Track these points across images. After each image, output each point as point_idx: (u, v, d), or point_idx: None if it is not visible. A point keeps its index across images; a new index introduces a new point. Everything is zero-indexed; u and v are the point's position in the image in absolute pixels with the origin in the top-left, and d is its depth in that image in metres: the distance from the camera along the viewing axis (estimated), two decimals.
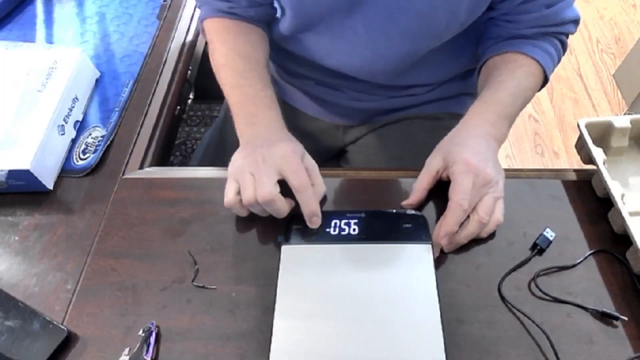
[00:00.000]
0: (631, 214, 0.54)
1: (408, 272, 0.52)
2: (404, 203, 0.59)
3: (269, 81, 0.66)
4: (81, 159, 0.66)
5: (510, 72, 0.64)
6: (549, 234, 0.56)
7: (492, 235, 0.57)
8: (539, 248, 0.55)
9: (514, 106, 0.62)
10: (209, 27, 0.71)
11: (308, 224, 0.55)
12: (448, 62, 0.75)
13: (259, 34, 0.71)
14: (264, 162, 0.55)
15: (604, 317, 0.50)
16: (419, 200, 0.58)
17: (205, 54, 0.96)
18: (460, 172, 0.54)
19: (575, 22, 0.67)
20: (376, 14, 0.63)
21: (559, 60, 0.69)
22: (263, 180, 0.54)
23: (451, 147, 0.58)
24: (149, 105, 0.73)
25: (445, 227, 0.53)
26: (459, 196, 0.53)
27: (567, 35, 0.69)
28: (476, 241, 0.56)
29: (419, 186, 0.58)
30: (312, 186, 0.56)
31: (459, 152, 0.56)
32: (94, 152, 0.67)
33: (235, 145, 0.61)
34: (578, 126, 0.61)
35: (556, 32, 0.67)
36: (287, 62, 0.81)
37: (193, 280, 0.54)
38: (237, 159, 0.58)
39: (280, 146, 0.56)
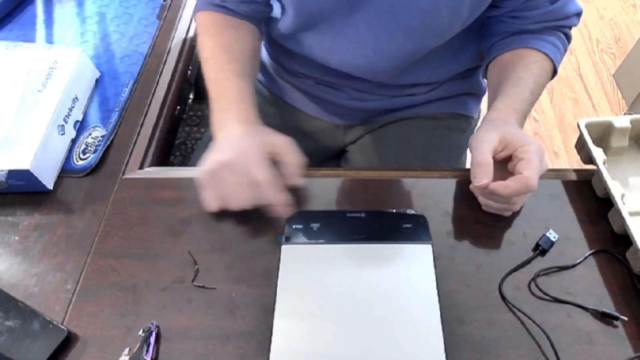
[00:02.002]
0: (631, 214, 0.54)
1: (408, 272, 0.52)
2: (478, 185, 0.53)
3: (247, 74, 0.66)
4: (81, 159, 0.66)
5: (526, 68, 0.65)
6: (552, 235, 0.56)
7: (492, 235, 0.57)
8: (541, 249, 0.55)
9: (532, 104, 0.63)
10: (199, 20, 0.71)
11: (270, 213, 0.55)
12: (449, 61, 0.75)
13: (248, 29, 0.71)
14: (233, 173, 0.55)
15: (604, 317, 0.51)
16: (492, 174, 0.53)
17: None
18: (534, 153, 0.53)
19: (578, 15, 0.68)
20: (379, 11, 0.63)
21: (565, 51, 0.70)
22: (237, 193, 0.55)
23: (507, 128, 0.56)
24: (149, 105, 0.73)
25: (508, 191, 0.52)
26: (532, 173, 0.52)
27: (570, 28, 0.70)
28: (476, 241, 0.57)
29: (486, 160, 0.53)
30: (284, 164, 0.57)
31: (524, 136, 0.55)
32: (94, 152, 0.67)
33: None
34: (578, 126, 0.61)
35: (560, 25, 0.68)
36: (287, 62, 0.81)
37: (193, 280, 0.54)
38: (206, 163, 0.57)
39: (243, 149, 0.56)
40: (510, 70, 0.65)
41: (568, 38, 0.70)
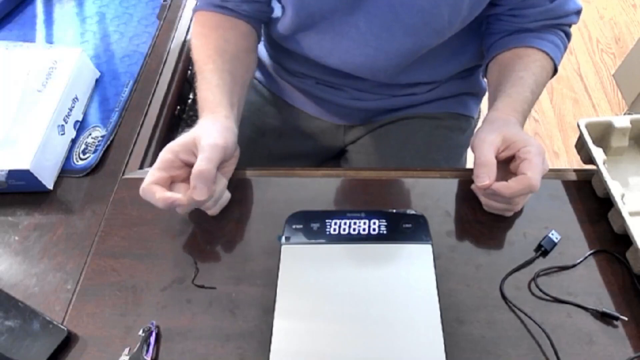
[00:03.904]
0: (631, 214, 0.54)
1: (408, 272, 0.52)
2: (481, 185, 0.53)
3: (226, 71, 0.64)
4: (81, 159, 0.66)
5: (526, 67, 0.65)
6: (554, 235, 0.56)
7: (492, 235, 0.57)
8: (543, 249, 0.55)
9: (532, 103, 0.64)
10: (197, 20, 0.70)
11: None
12: (449, 60, 0.75)
13: (240, 30, 0.69)
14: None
15: (604, 317, 0.50)
16: (495, 175, 0.53)
17: None
18: (536, 154, 0.53)
19: (578, 12, 0.68)
20: (379, 10, 0.63)
21: (565, 49, 0.70)
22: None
23: (509, 129, 0.56)
24: (149, 105, 0.73)
25: (510, 191, 0.52)
26: (534, 173, 0.52)
27: (570, 26, 0.69)
28: (476, 241, 0.57)
29: (489, 161, 0.53)
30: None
31: (526, 136, 0.55)
32: (94, 152, 0.67)
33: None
34: (578, 126, 0.61)
35: (560, 23, 0.68)
36: (287, 62, 0.81)
37: (193, 280, 0.54)
38: None
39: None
40: (510, 70, 0.65)
41: (568, 36, 0.70)
